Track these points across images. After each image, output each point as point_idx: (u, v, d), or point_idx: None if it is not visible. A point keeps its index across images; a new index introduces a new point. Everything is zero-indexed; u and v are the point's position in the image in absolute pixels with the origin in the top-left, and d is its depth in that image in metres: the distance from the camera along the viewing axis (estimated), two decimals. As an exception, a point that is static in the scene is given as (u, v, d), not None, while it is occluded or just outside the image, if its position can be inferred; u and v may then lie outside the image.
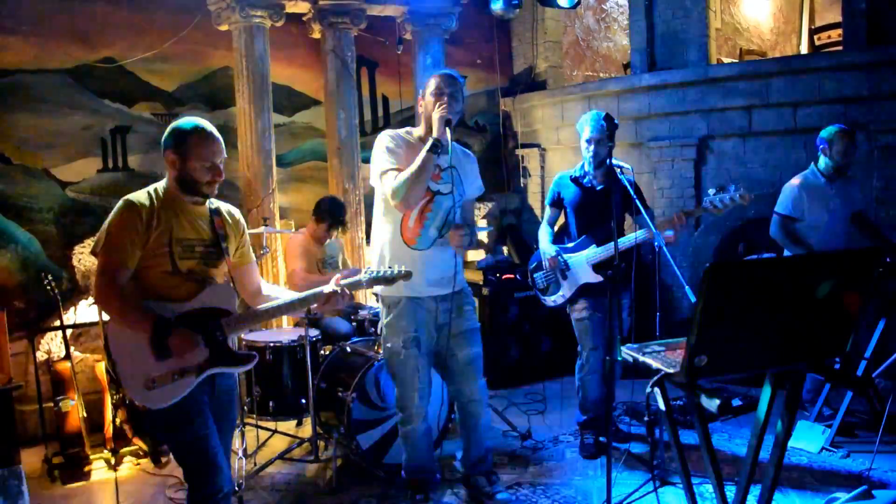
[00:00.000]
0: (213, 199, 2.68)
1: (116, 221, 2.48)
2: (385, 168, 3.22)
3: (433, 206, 3.27)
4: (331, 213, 4.80)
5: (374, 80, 6.43)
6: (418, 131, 3.36)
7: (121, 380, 2.48)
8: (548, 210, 4.20)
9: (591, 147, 3.94)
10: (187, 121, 2.59)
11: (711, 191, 3.80)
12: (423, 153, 3.12)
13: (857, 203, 4.29)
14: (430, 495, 3.48)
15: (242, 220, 2.80)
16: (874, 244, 4.20)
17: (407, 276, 2.89)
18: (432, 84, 3.25)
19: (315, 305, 2.76)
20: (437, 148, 3.13)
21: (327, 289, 2.72)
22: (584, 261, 3.97)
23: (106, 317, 2.59)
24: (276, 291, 2.85)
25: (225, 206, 2.75)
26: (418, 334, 3.31)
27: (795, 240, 4.17)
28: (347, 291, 2.74)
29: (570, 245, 4.06)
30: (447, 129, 3.12)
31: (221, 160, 2.59)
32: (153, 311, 2.47)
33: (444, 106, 3.14)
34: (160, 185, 2.61)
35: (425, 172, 3.13)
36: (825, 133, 4.18)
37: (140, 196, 2.54)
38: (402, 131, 3.37)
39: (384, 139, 3.28)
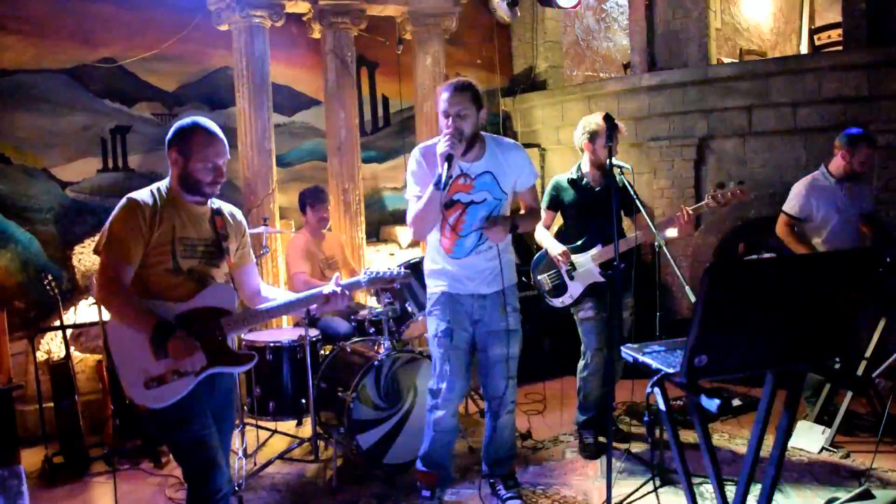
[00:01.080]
0: (214, 199, 2.68)
1: (119, 219, 2.48)
2: (410, 194, 3.25)
3: (466, 216, 3.26)
4: (304, 196, 4.94)
5: (374, 80, 6.43)
6: (437, 147, 3.23)
7: (120, 378, 2.48)
8: (543, 213, 4.17)
9: (593, 146, 3.96)
10: (192, 120, 2.59)
11: (711, 188, 3.82)
12: (428, 190, 3.10)
13: (865, 204, 4.30)
14: (436, 492, 3.48)
15: (244, 222, 2.81)
16: (880, 244, 4.21)
17: (406, 277, 2.93)
18: (440, 101, 3.15)
19: (314, 306, 2.76)
20: (440, 184, 3.05)
21: (326, 289, 2.72)
22: (590, 260, 3.97)
23: (106, 316, 2.59)
24: (275, 293, 2.85)
25: (227, 207, 2.76)
26: (451, 326, 3.33)
27: (799, 240, 4.19)
28: (347, 292, 2.74)
29: (574, 245, 4.05)
30: (447, 164, 3.01)
31: (224, 161, 2.60)
32: (154, 311, 2.47)
33: (446, 138, 3.05)
34: (162, 184, 2.61)
35: (429, 207, 3.12)
36: (845, 138, 4.14)
37: (143, 194, 2.54)
38: (431, 143, 3.26)
39: (411, 163, 3.27)
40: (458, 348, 3.36)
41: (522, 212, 3.51)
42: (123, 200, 2.51)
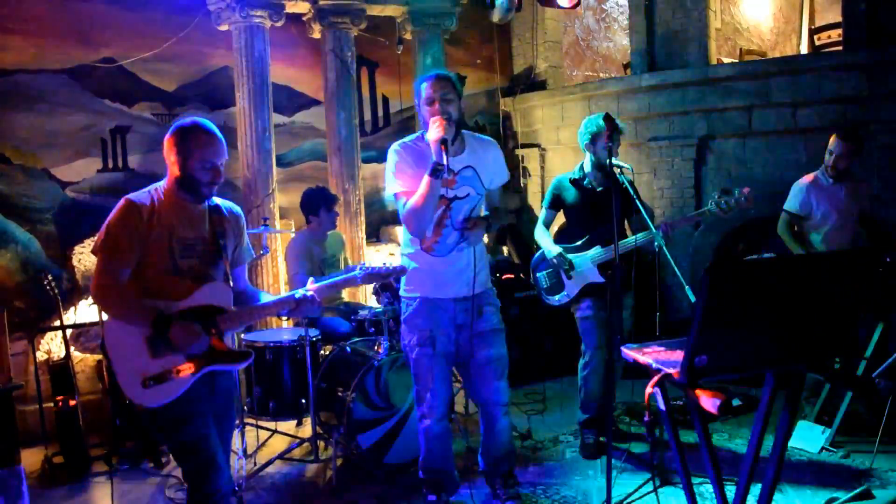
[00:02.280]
0: (212, 197, 2.68)
1: (116, 220, 2.49)
2: (394, 191, 3.17)
3: (451, 213, 3.20)
4: (317, 198, 4.76)
5: (374, 80, 6.43)
6: (428, 135, 3.20)
7: (117, 378, 2.48)
8: (544, 211, 4.18)
9: (594, 147, 3.97)
10: (191, 120, 2.59)
11: (716, 194, 3.81)
12: (424, 180, 3.03)
13: (865, 204, 4.31)
14: (442, 496, 3.44)
15: (242, 218, 2.80)
16: (877, 244, 4.22)
17: (402, 272, 2.91)
18: (423, 92, 3.13)
19: (285, 311, 2.76)
20: (439, 172, 3.00)
21: (298, 294, 2.71)
22: (588, 260, 3.97)
23: (105, 316, 2.59)
24: (260, 296, 2.84)
25: (225, 204, 2.75)
26: (433, 334, 3.25)
27: (798, 238, 4.21)
28: (317, 298, 2.72)
29: (574, 245, 4.06)
30: (443, 149, 2.97)
31: (223, 161, 2.59)
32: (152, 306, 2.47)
33: (437, 124, 3.01)
34: (160, 184, 2.61)
35: (430, 198, 3.04)
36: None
37: (140, 195, 2.54)
38: (410, 140, 3.26)
39: (391, 158, 3.20)
40: (441, 354, 3.28)
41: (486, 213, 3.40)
42: (120, 201, 2.51)
